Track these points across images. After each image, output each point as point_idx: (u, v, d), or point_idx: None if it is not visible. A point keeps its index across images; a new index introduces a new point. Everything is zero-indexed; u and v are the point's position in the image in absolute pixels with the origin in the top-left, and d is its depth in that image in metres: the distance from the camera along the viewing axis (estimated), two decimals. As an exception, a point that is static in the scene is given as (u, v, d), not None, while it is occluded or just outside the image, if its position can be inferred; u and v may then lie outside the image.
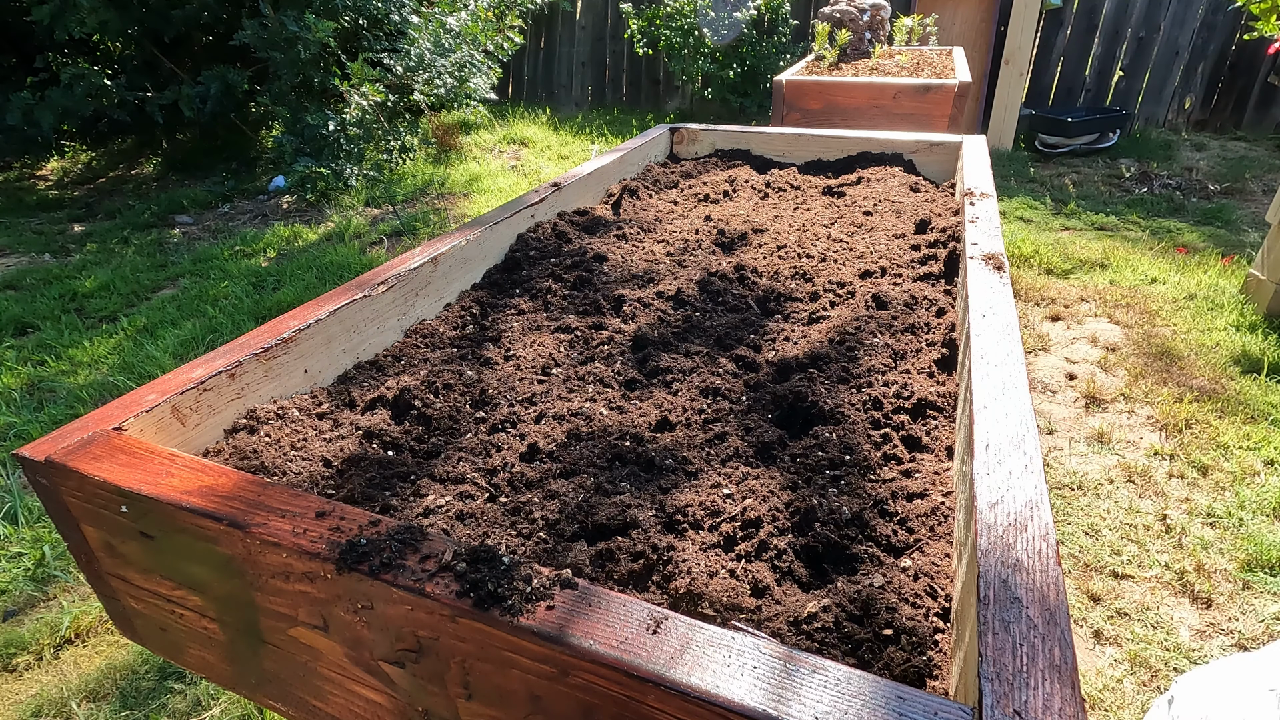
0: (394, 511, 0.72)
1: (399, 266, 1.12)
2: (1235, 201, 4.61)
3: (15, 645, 1.87)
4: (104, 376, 3.03)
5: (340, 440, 0.85)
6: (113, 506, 0.67)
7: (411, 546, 0.55)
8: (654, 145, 2.05)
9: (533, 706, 0.51)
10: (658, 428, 0.86)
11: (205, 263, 4.20)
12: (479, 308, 1.20)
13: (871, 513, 0.71)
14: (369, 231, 4.61)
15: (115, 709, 1.71)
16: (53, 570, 2.12)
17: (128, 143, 6.85)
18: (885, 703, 0.42)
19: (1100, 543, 2.04)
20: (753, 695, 0.42)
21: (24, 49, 6.07)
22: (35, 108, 5.11)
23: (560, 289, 1.25)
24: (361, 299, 1.03)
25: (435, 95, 5.50)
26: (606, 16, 7.58)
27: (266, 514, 0.60)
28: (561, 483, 0.76)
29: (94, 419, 0.75)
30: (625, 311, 1.16)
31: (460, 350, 1.08)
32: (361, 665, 0.60)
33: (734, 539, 0.68)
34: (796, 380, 0.92)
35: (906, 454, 0.80)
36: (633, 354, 1.05)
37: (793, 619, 0.58)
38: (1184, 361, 2.85)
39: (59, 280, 4.01)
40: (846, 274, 1.25)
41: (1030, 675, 0.43)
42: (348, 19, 5.15)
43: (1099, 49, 5.94)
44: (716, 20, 6.36)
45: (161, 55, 5.69)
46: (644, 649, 0.46)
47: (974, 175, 1.45)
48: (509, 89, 8.16)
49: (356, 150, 5.10)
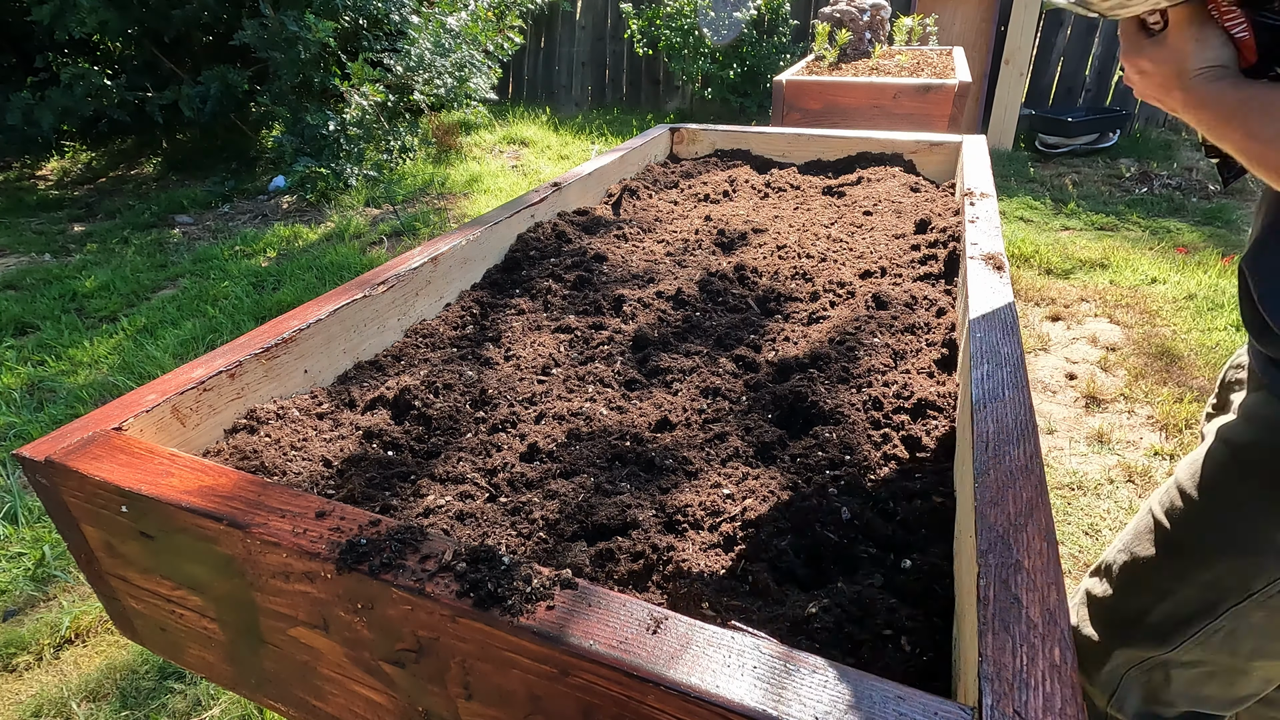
0: (394, 511, 0.72)
1: (399, 266, 1.12)
2: (1235, 201, 4.60)
3: (15, 645, 1.87)
4: (104, 376, 3.03)
5: (340, 440, 0.85)
6: (113, 506, 0.67)
7: (411, 546, 0.55)
8: (654, 145, 2.05)
9: (533, 706, 0.51)
10: (658, 428, 0.86)
11: (205, 263, 4.20)
12: (479, 308, 1.20)
13: (871, 513, 0.71)
14: (369, 231, 4.61)
15: (115, 709, 1.71)
16: (53, 570, 2.12)
17: (128, 143, 6.85)
18: (885, 703, 0.42)
19: (1100, 543, 2.04)
20: (752, 695, 0.42)
21: (24, 49, 6.07)
22: (35, 108, 5.11)
23: (560, 289, 1.25)
24: (361, 299, 1.03)
25: (435, 95, 5.50)
26: (606, 16, 7.58)
27: (266, 514, 0.60)
28: (561, 483, 0.76)
29: (94, 419, 0.75)
30: (625, 311, 1.16)
31: (460, 350, 1.08)
32: (361, 665, 0.60)
33: (734, 539, 0.68)
34: (796, 380, 0.92)
35: (906, 454, 0.80)
36: (633, 354, 1.05)
37: (793, 619, 0.58)
38: (1184, 361, 2.85)
39: (59, 280, 4.01)
40: (846, 274, 1.25)
41: (1030, 675, 0.43)
42: (348, 19, 5.15)
43: (1099, 49, 5.94)
44: (716, 20, 6.36)
45: (161, 55, 5.69)
46: (644, 649, 0.46)
47: (974, 175, 1.45)
48: (509, 89, 8.16)
49: (357, 150, 5.10)
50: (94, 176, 6.16)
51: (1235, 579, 0.84)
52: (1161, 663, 0.91)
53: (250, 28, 4.80)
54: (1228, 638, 0.87)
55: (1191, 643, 0.89)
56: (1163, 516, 0.91)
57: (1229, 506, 0.85)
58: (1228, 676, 0.91)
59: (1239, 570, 0.84)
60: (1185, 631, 0.89)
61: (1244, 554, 0.83)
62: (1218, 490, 0.87)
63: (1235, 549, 0.84)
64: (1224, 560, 0.85)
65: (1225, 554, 0.84)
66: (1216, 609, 0.86)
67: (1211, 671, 0.91)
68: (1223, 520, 0.86)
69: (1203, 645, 0.88)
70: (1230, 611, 0.85)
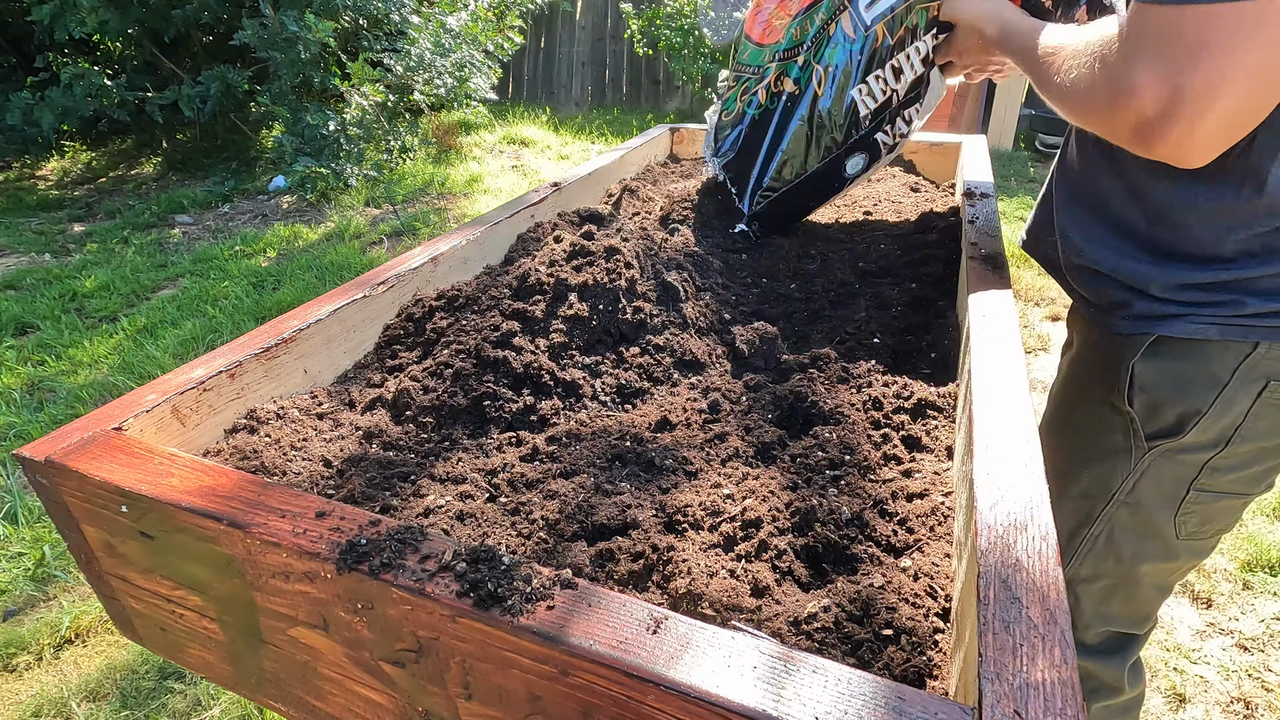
0: (394, 511, 0.72)
1: (399, 266, 1.12)
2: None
3: (15, 645, 1.87)
4: (104, 376, 3.03)
5: (340, 440, 0.85)
6: (113, 506, 0.67)
7: (411, 546, 0.55)
8: (654, 145, 2.05)
9: (533, 706, 0.51)
10: (658, 428, 0.86)
11: (205, 263, 4.20)
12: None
13: (871, 513, 0.71)
14: (369, 231, 4.61)
15: (115, 709, 1.71)
16: (53, 570, 2.12)
17: (128, 143, 6.85)
18: (885, 703, 0.42)
19: (1100, 543, 2.04)
20: (753, 695, 0.42)
21: (24, 49, 6.07)
22: (35, 108, 5.12)
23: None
24: (361, 299, 1.03)
25: (435, 95, 5.50)
26: (606, 16, 7.58)
27: (266, 514, 0.60)
28: (561, 483, 0.76)
29: (94, 419, 0.75)
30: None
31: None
32: (361, 665, 0.60)
33: (734, 539, 0.68)
34: (796, 380, 0.92)
35: (906, 454, 0.80)
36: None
37: (793, 619, 0.58)
38: (1184, 361, 2.84)
39: (59, 280, 4.01)
40: (847, 274, 1.25)
41: (1030, 675, 0.43)
42: (348, 19, 5.15)
43: (1099, 49, 5.94)
44: (717, 20, 6.36)
45: (161, 55, 5.70)
46: (644, 649, 0.46)
47: (974, 175, 1.46)
48: (509, 89, 8.16)
49: (357, 150, 5.10)
50: (94, 176, 6.16)
51: (1098, 486, 0.98)
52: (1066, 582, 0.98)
53: (250, 28, 4.80)
54: (1108, 543, 1.00)
55: (1080, 555, 1.02)
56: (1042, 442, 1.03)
57: (1077, 425, 1.01)
58: (1126, 589, 1.03)
59: (1098, 477, 0.98)
60: (1074, 545, 1.02)
61: (1096, 461, 0.98)
62: (1065, 411, 1.06)
63: (1091, 459, 0.98)
64: (1086, 471, 0.99)
65: (1087, 465, 0.99)
66: (1092, 516, 1.00)
67: (1110, 585, 1.03)
68: (1075, 437, 1.01)
69: (1091, 557, 1.02)
70: (1102, 515, 0.99)
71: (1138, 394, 0.90)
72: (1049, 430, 1.07)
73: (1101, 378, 0.95)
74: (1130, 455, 0.93)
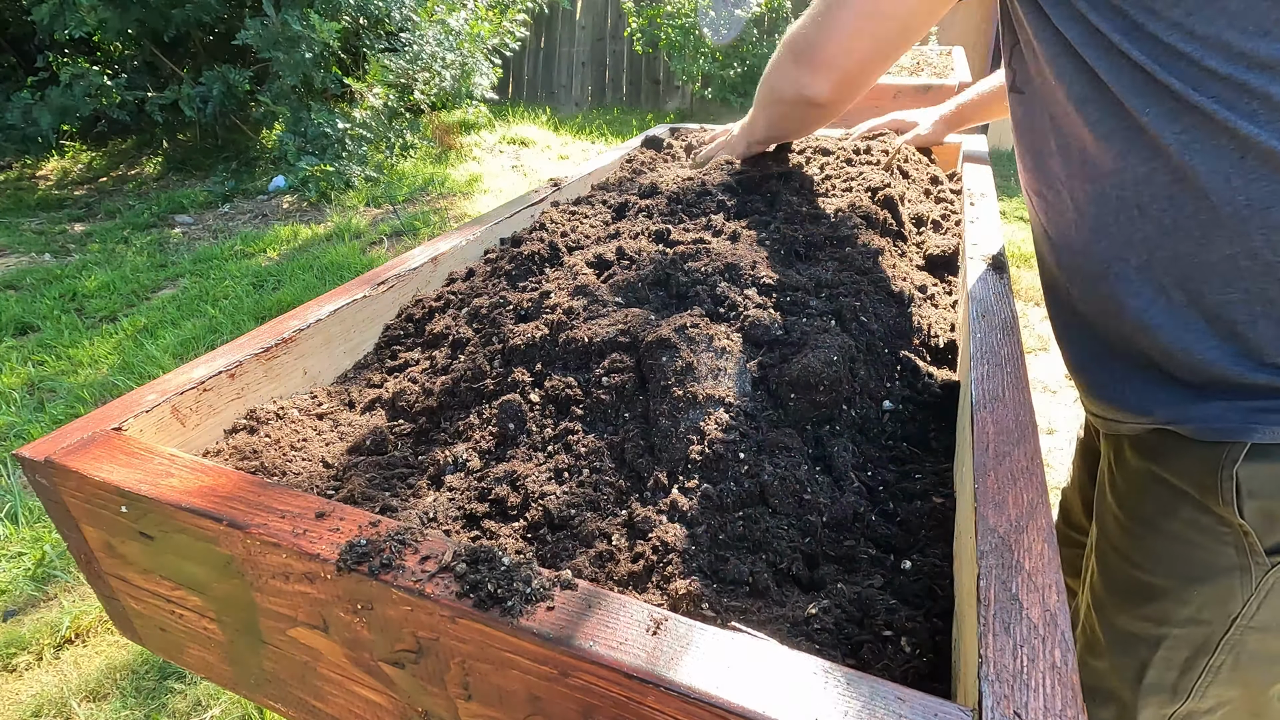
0: (394, 512, 0.72)
1: (399, 266, 1.12)
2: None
3: (15, 645, 1.87)
4: (104, 376, 3.03)
5: (340, 440, 0.85)
6: (112, 507, 0.67)
7: (411, 547, 0.55)
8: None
9: (532, 707, 0.51)
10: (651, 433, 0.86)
11: (205, 263, 4.20)
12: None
13: (871, 513, 0.71)
14: (369, 231, 4.61)
15: (115, 709, 1.71)
16: (53, 570, 2.12)
17: (128, 143, 6.85)
18: (885, 704, 0.42)
19: (1100, 543, 2.04)
20: (752, 696, 0.42)
21: (24, 49, 6.07)
22: (35, 107, 5.12)
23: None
24: (361, 299, 1.03)
25: (436, 95, 5.50)
26: (606, 16, 7.58)
27: (266, 514, 0.60)
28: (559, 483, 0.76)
29: (94, 419, 0.75)
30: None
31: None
32: (361, 666, 0.60)
33: (734, 539, 0.68)
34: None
35: (906, 454, 0.80)
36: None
37: (793, 619, 0.58)
38: (1184, 361, 2.84)
39: (59, 280, 4.02)
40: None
41: (1030, 677, 0.43)
42: (348, 19, 5.15)
43: (1099, 49, 5.93)
44: (717, 19, 6.36)
45: (161, 55, 5.69)
46: (644, 649, 0.46)
47: (974, 175, 1.45)
48: (509, 89, 8.16)
49: (360, 151, 5.10)
50: (94, 176, 6.16)
51: (1213, 610, 0.82)
52: (1184, 715, 0.89)
53: (253, 28, 4.80)
54: (1233, 672, 0.84)
55: (1200, 689, 0.87)
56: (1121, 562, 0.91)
57: (1171, 534, 0.84)
58: (1252, 714, 0.88)
59: (1211, 600, 0.82)
60: (1191, 677, 0.86)
61: (1205, 581, 0.81)
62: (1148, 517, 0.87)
63: (1198, 577, 0.82)
64: (1195, 592, 0.83)
65: (1195, 585, 0.83)
66: (1210, 644, 0.84)
67: (1232, 711, 0.88)
68: (1168, 546, 0.84)
69: (1214, 687, 0.86)
70: (1223, 643, 0.83)
71: (1247, 502, 0.77)
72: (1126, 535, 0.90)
73: (1193, 481, 0.80)
74: (1251, 574, 0.79)
